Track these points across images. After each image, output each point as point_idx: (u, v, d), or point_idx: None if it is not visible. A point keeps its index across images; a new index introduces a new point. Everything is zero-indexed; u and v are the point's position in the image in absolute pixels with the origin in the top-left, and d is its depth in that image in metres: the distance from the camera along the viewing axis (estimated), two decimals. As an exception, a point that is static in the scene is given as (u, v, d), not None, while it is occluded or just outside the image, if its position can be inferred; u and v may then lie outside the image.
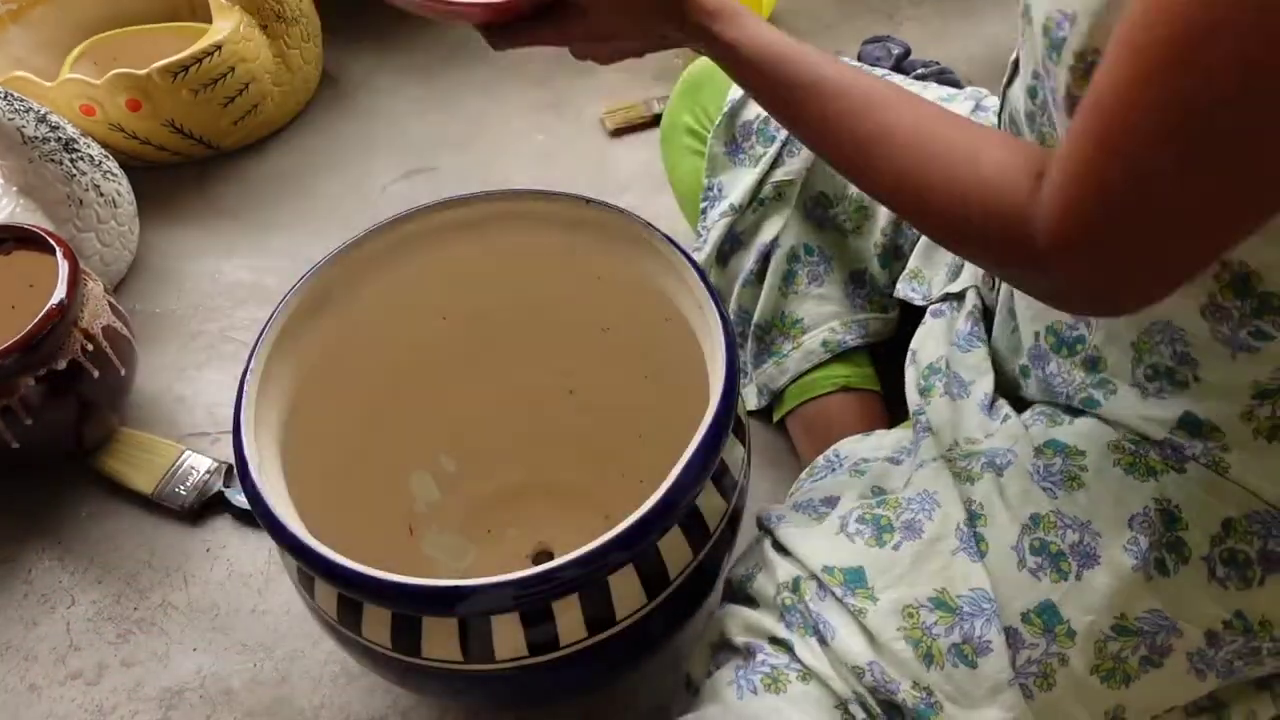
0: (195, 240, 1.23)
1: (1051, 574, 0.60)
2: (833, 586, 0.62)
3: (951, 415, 0.71)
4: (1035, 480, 0.64)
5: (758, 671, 0.62)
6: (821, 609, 0.62)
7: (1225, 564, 0.58)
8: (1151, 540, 0.59)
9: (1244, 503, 0.59)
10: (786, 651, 0.62)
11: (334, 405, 0.77)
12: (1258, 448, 0.58)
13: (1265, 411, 0.57)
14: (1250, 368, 0.56)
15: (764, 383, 0.93)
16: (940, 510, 0.64)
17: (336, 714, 0.83)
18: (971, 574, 0.61)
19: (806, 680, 0.61)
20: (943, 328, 0.78)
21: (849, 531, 0.65)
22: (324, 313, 0.74)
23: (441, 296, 0.81)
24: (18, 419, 0.89)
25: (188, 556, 0.94)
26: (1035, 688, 0.59)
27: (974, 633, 0.60)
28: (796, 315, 0.90)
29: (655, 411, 0.84)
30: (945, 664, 0.59)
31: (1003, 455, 0.66)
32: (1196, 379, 0.59)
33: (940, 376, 0.74)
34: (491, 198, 0.77)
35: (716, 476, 0.63)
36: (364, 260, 0.76)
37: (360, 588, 0.58)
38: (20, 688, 0.87)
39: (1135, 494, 0.61)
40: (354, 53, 1.47)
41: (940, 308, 0.80)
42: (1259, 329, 0.55)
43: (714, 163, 0.92)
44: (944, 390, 0.73)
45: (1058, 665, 0.59)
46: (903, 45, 1.22)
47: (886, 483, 0.70)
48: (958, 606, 0.60)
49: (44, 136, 1.04)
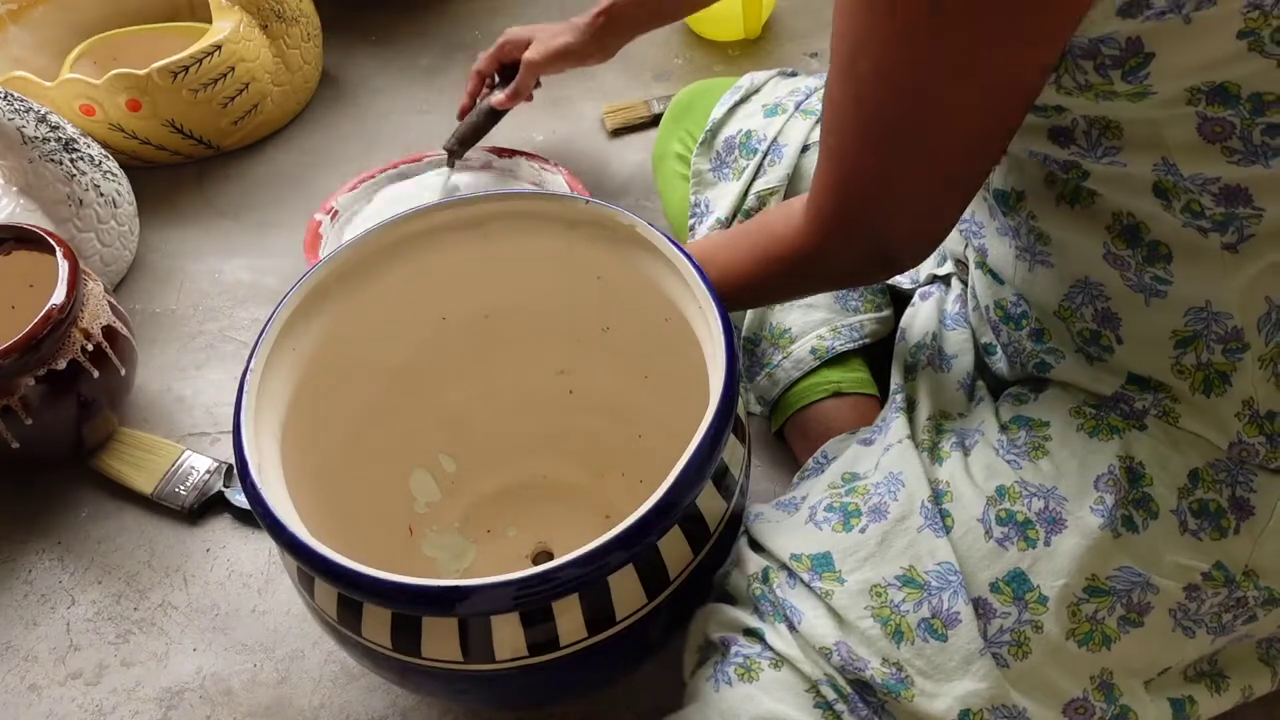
0: (195, 240, 1.23)
1: (1019, 542, 0.61)
2: (800, 573, 0.63)
3: (934, 386, 0.73)
4: (1000, 455, 0.65)
5: (731, 663, 0.62)
6: (789, 595, 0.63)
7: (1196, 515, 0.59)
8: (1118, 498, 0.59)
9: (1206, 452, 0.60)
10: (758, 641, 0.63)
11: (334, 405, 0.77)
12: (1196, 402, 0.60)
13: (1190, 361, 0.59)
14: (1164, 315, 0.59)
15: (759, 394, 0.93)
16: (904, 490, 0.65)
17: (336, 714, 0.83)
18: (937, 549, 0.62)
19: (778, 667, 0.61)
20: (931, 308, 0.80)
21: (816, 520, 0.66)
22: (324, 312, 0.74)
23: (441, 296, 0.81)
24: (18, 419, 0.89)
25: (188, 556, 0.94)
26: (1010, 656, 0.59)
27: (942, 606, 0.60)
28: (784, 325, 0.91)
29: (655, 411, 0.84)
30: (915, 639, 0.59)
31: (971, 436, 0.68)
32: (1120, 340, 0.62)
33: (926, 350, 0.76)
34: (491, 198, 0.77)
35: (717, 477, 0.63)
36: (364, 260, 0.76)
37: (360, 587, 0.58)
38: (20, 688, 0.87)
39: (1099, 455, 0.61)
40: (354, 53, 1.47)
41: (928, 289, 0.82)
42: (1156, 275, 0.58)
43: (699, 180, 0.93)
44: (928, 362, 0.75)
45: (1032, 632, 0.59)
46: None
47: (857, 467, 0.71)
48: (925, 582, 0.61)
49: (44, 136, 1.05)
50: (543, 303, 0.83)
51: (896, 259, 0.62)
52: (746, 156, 0.90)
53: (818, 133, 0.88)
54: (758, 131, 0.89)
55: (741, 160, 0.91)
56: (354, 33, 1.49)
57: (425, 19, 1.51)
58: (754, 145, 0.90)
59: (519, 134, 1.33)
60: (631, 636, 0.62)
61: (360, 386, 0.80)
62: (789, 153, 0.88)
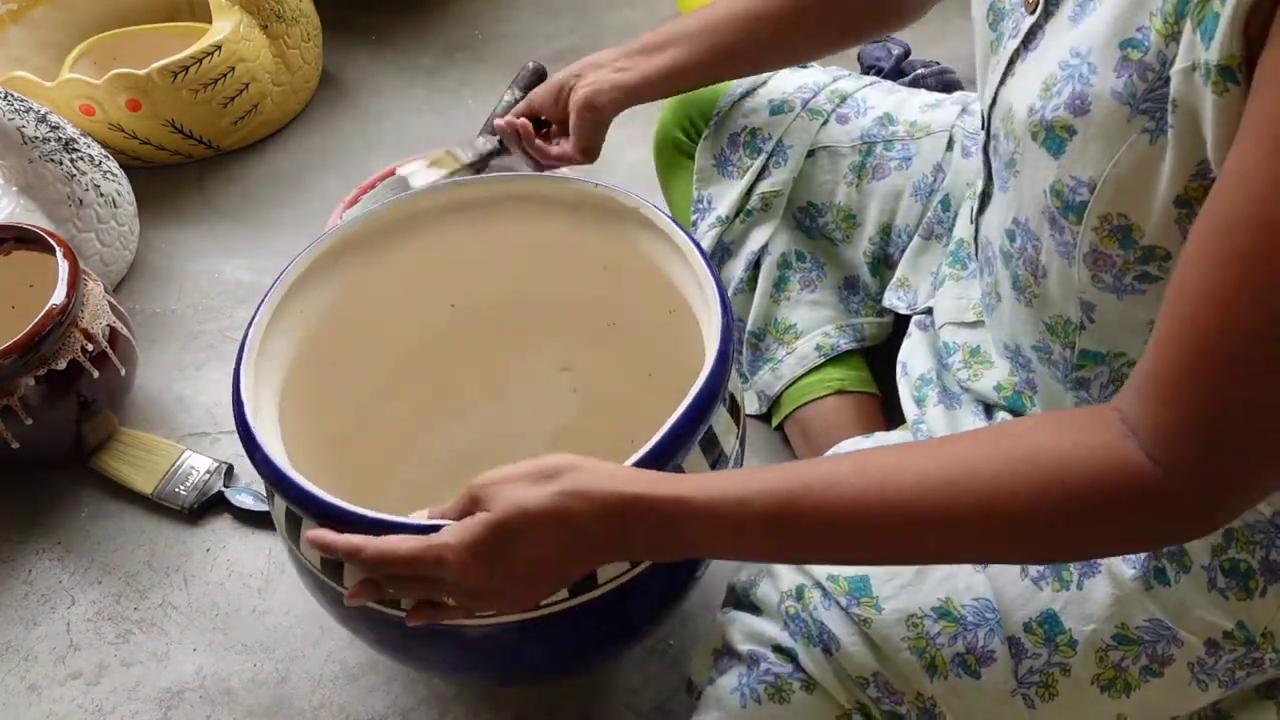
0: (195, 240, 1.23)
1: (1053, 583, 0.60)
2: (837, 595, 0.62)
3: (949, 423, 0.72)
4: None
5: (762, 680, 0.62)
6: (826, 618, 0.62)
7: (1226, 574, 0.58)
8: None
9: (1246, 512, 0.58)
10: (790, 660, 0.62)
11: (337, 381, 0.77)
12: None
13: None
14: None
15: (761, 389, 0.93)
16: None
17: (336, 714, 0.83)
18: (975, 584, 0.61)
19: (810, 690, 0.61)
20: (929, 340, 0.79)
21: None
22: (332, 281, 0.75)
23: (448, 280, 0.81)
24: (18, 419, 0.89)
25: (188, 556, 0.94)
26: (1037, 697, 0.59)
27: (977, 643, 0.59)
28: (790, 321, 0.91)
29: (657, 411, 0.84)
30: (949, 674, 0.59)
31: None
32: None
33: (933, 387, 0.75)
34: (495, 179, 0.77)
35: (705, 446, 0.63)
36: (371, 235, 0.76)
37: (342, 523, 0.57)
38: (20, 688, 0.87)
39: None
40: (354, 53, 1.47)
41: (923, 320, 0.80)
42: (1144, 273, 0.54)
43: (703, 175, 0.93)
44: (937, 400, 0.74)
45: (1059, 675, 0.59)
46: (903, 45, 1.22)
47: None
48: (961, 616, 0.60)
49: (44, 136, 1.04)
50: (548, 290, 0.82)
51: (1222, 513, 0.47)
52: (751, 156, 0.90)
53: (824, 134, 0.88)
54: (763, 130, 0.89)
55: (746, 159, 0.90)
56: (354, 33, 1.49)
57: (425, 19, 1.51)
58: (758, 145, 0.89)
59: (519, 134, 1.33)
60: (614, 606, 0.61)
61: (365, 367, 0.80)
62: (794, 155, 0.88)
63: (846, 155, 0.87)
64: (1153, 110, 0.48)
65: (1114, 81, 0.49)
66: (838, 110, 0.88)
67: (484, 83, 1.41)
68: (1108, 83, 0.49)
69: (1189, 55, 0.45)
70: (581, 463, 0.53)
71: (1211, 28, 0.43)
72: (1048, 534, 0.48)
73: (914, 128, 0.86)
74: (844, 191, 0.88)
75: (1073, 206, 0.53)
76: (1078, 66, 0.51)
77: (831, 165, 0.88)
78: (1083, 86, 0.50)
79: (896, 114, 0.87)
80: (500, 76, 1.41)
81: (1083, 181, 0.52)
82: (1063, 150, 0.53)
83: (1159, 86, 0.47)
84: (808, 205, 0.90)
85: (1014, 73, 0.57)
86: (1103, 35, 0.49)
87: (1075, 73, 0.51)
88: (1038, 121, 0.54)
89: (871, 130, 0.87)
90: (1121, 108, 0.49)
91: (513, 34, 1.48)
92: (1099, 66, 0.50)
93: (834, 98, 0.89)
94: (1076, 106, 0.51)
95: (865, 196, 0.87)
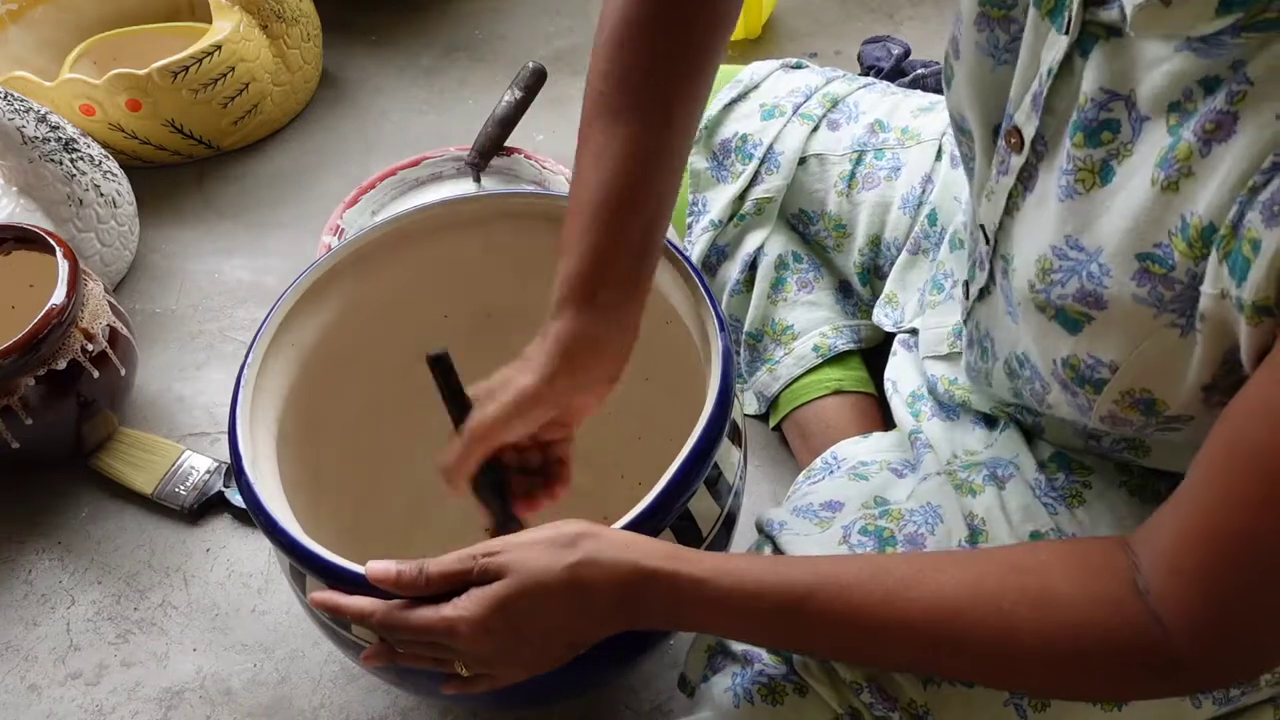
0: (195, 240, 1.23)
1: None
2: None
3: (948, 433, 0.72)
4: (1037, 495, 0.64)
5: (756, 681, 0.62)
6: None
7: None
8: None
9: None
10: (785, 663, 0.62)
11: (334, 403, 0.77)
12: None
13: None
14: None
15: (759, 390, 0.93)
16: (943, 525, 0.64)
17: (336, 714, 0.83)
18: None
19: (803, 693, 0.61)
20: (914, 360, 0.79)
21: (851, 543, 0.65)
22: (324, 309, 0.74)
23: (443, 294, 0.81)
24: (18, 419, 0.89)
25: (188, 556, 0.94)
26: (1030, 708, 0.59)
27: None
28: (787, 321, 0.91)
29: (656, 413, 0.84)
30: (943, 682, 0.59)
31: (1004, 466, 0.66)
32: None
33: (925, 402, 0.75)
34: (491, 197, 0.77)
35: (710, 481, 0.63)
36: (365, 256, 0.76)
37: (350, 584, 0.57)
38: (20, 688, 0.87)
39: (1135, 517, 0.61)
40: (354, 53, 1.47)
41: (908, 339, 0.80)
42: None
43: (697, 179, 0.93)
44: (932, 415, 0.74)
45: None
46: (903, 45, 1.22)
47: (889, 494, 0.70)
48: None
49: (44, 136, 1.05)
50: (544, 303, 0.83)
51: (1238, 675, 0.50)
52: (742, 161, 0.90)
53: (815, 141, 0.87)
54: (753, 135, 0.89)
55: (738, 165, 0.90)
56: (354, 33, 1.49)
57: (425, 19, 1.51)
58: (749, 150, 0.89)
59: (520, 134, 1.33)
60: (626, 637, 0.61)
61: (360, 386, 0.80)
62: (785, 161, 0.88)
63: (836, 163, 0.87)
64: (1182, 309, 0.47)
65: (1135, 289, 0.48)
66: (829, 116, 0.88)
67: (484, 83, 1.41)
68: (1126, 289, 0.48)
69: (1217, 283, 0.44)
70: (599, 531, 0.54)
71: (1242, 268, 0.42)
72: (1049, 676, 0.50)
73: (905, 134, 0.86)
74: (835, 200, 0.88)
75: (1090, 381, 0.52)
76: (1085, 263, 0.50)
77: (822, 173, 0.88)
78: (1095, 286, 0.50)
79: (889, 120, 0.87)
80: (500, 76, 1.41)
81: (1103, 362, 0.51)
82: (1079, 329, 0.52)
83: (1187, 293, 0.46)
84: (800, 212, 0.90)
85: (1016, 216, 0.56)
86: (1116, 243, 0.48)
87: (1082, 269, 0.50)
88: (1044, 300, 0.53)
89: (862, 138, 0.87)
90: (1146, 309, 0.48)
91: (513, 34, 1.48)
92: (1114, 271, 0.49)
93: (826, 102, 0.89)
94: (1090, 302, 0.50)
95: (855, 207, 0.87)
